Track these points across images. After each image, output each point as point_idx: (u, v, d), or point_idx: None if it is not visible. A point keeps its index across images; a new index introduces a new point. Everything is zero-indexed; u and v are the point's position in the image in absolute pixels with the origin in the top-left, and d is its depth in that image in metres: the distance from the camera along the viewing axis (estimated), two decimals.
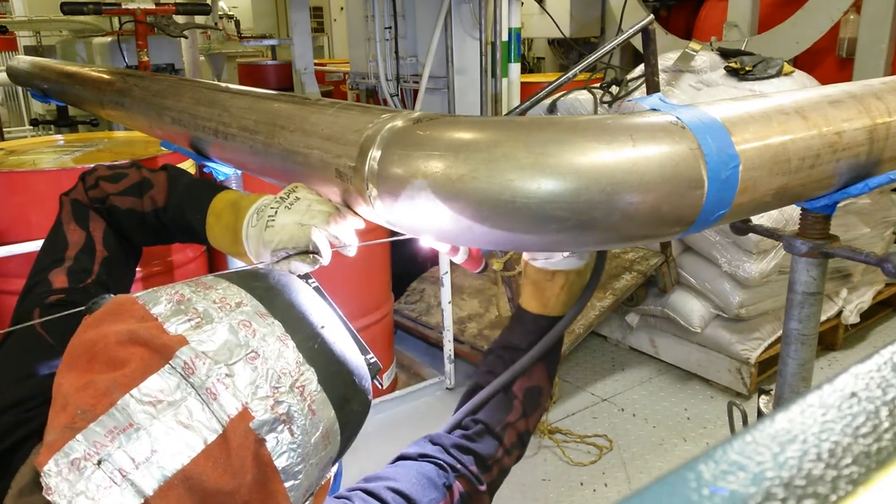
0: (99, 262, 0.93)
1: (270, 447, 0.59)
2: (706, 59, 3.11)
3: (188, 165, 2.12)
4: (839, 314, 3.20)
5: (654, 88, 2.77)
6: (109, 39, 4.53)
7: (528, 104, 2.29)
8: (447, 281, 2.88)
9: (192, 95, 1.28)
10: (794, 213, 1.71)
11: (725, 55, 3.15)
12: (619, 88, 3.13)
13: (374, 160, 0.77)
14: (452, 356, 2.99)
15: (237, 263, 0.93)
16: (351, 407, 0.68)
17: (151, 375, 0.58)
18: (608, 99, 3.13)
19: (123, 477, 0.55)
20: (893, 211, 3.24)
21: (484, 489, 0.90)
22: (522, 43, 4.59)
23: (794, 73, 3.00)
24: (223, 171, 1.40)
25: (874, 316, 3.45)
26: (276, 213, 0.85)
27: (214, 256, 2.65)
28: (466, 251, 0.97)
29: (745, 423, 1.27)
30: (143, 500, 0.55)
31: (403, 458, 0.90)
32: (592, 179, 0.68)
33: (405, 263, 3.52)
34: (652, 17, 2.58)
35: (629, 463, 2.57)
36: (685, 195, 0.72)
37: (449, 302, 2.91)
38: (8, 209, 2.11)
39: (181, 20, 4.54)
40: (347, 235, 0.87)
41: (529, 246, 0.81)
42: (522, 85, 3.45)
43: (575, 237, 0.72)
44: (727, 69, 3.04)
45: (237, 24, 6.97)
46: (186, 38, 4.52)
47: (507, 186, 0.68)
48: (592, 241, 0.75)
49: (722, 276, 2.90)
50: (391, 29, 3.52)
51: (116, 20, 4.59)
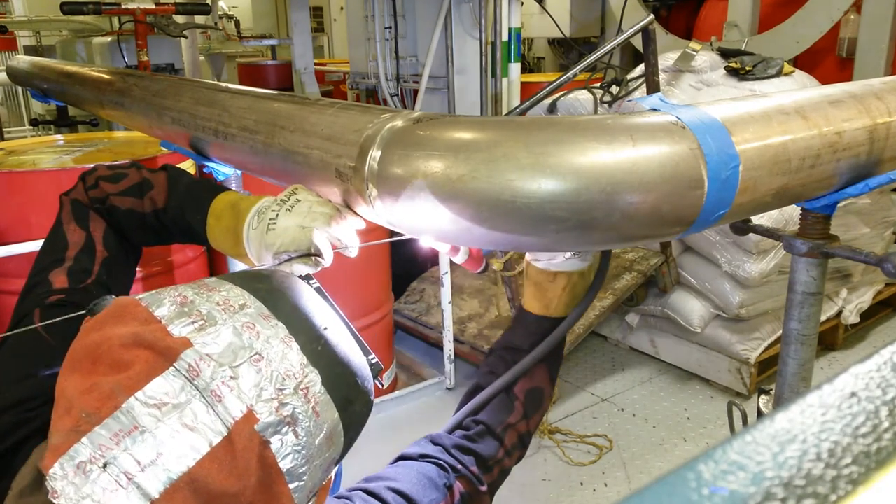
0: (99, 262, 0.93)
1: (275, 449, 0.59)
2: (706, 59, 3.11)
3: (188, 165, 2.12)
4: (839, 314, 3.20)
5: (654, 88, 2.77)
6: (109, 39, 4.53)
7: (528, 104, 2.29)
8: (447, 281, 2.88)
9: (192, 95, 1.28)
10: (794, 213, 1.71)
11: (725, 55, 3.15)
12: (619, 88, 3.13)
13: (374, 160, 0.77)
14: (452, 356, 2.99)
15: (237, 264, 0.93)
16: (354, 408, 0.68)
17: (156, 378, 0.58)
18: (608, 99, 3.13)
19: (129, 480, 0.55)
20: (893, 211, 3.24)
21: (485, 490, 0.90)
22: (522, 43, 4.59)
23: (794, 73, 3.00)
24: (223, 171, 1.40)
25: (874, 316, 3.45)
26: (277, 215, 0.84)
27: (214, 257, 2.65)
28: (467, 251, 0.97)
29: (744, 423, 1.27)
30: (148, 502, 0.55)
31: (404, 458, 0.90)
32: (592, 179, 0.68)
33: (405, 263, 3.52)
34: (652, 17, 2.58)
35: (629, 463, 2.57)
36: (685, 195, 0.72)
37: (449, 302, 2.91)
38: (8, 209, 2.11)
39: (181, 20, 4.54)
40: (348, 236, 0.87)
41: (530, 246, 0.81)
42: (522, 85, 3.45)
43: (575, 237, 0.72)
44: (727, 69, 3.04)
45: (237, 24, 6.97)
46: (186, 38, 4.52)
47: (507, 186, 0.68)
48: (592, 241, 0.75)
49: (722, 276, 2.90)
50: (391, 29, 3.52)
51: (116, 20, 4.59)
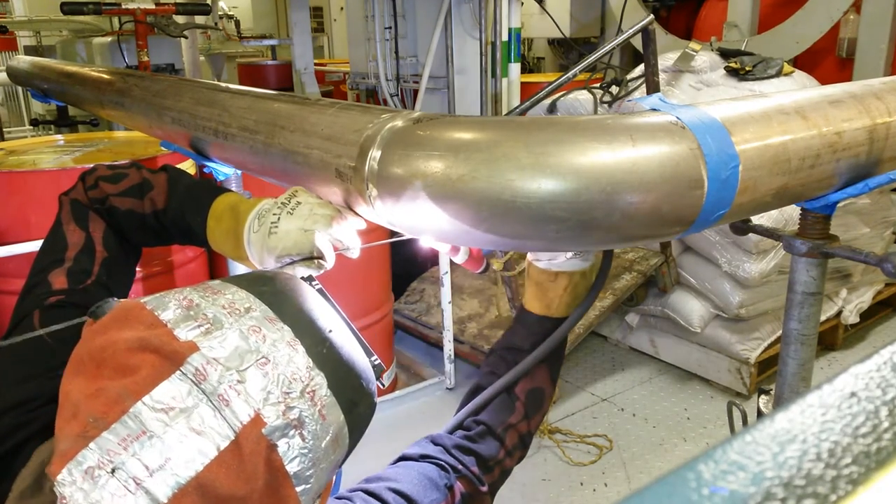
0: (99, 262, 0.93)
1: (282, 452, 0.59)
2: (706, 59, 3.11)
3: (188, 165, 2.12)
4: (839, 314, 3.20)
5: (654, 88, 2.76)
6: (109, 39, 4.54)
7: (528, 104, 2.29)
8: (447, 281, 2.88)
9: (192, 95, 1.28)
10: (794, 213, 1.71)
11: (725, 55, 3.15)
12: (619, 88, 3.13)
13: (374, 160, 0.77)
14: (452, 356, 2.99)
15: (238, 265, 0.93)
16: (359, 410, 0.68)
17: (163, 382, 0.58)
18: (608, 99, 3.13)
19: (138, 485, 0.55)
20: (893, 211, 3.24)
21: (485, 490, 0.90)
22: (522, 43, 4.59)
23: (794, 73, 3.00)
24: (223, 171, 1.40)
25: (874, 316, 3.45)
26: (278, 219, 0.84)
27: (214, 257, 2.65)
28: (467, 251, 0.97)
29: (744, 423, 1.27)
30: None
31: (405, 458, 0.90)
32: (592, 179, 0.68)
33: (405, 263, 3.52)
34: (652, 17, 2.58)
35: (629, 463, 2.57)
36: (685, 195, 0.72)
37: (449, 302, 2.91)
38: (8, 209, 2.11)
39: (181, 20, 4.54)
40: (350, 238, 0.87)
41: (530, 246, 0.81)
42: (522, 85, 3.45)
43: (575, 237, 0.72)
44: (727, 69, 3.04)
45: (237, 24, 6.98)
46: (186, 38, 4.52)
47: (507, 186, 0.68)
48: (593, 241, 0.75)
49: (722, 276, 2.90)
50: (391, 29, 3.52)
51: (116, 20, 4.59)
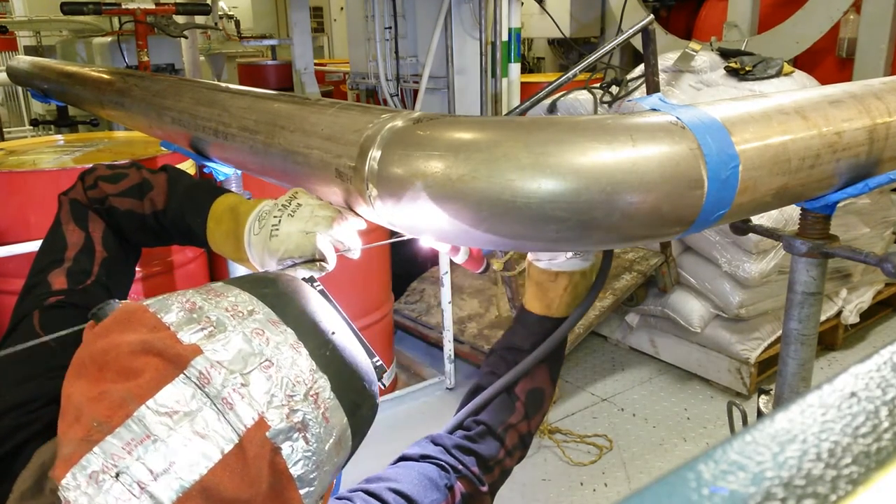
0: (98, 262, 0.93)
1: (286, 455, 0.59)
2: (706, 59, 3.11)
3: (188, 166, 2.12)
4: (839, 314, 3.20)
5: (654, 88, 2.76)
6: (109, 39, 4.54)
7: (528, 104, 2.29)
8: (447, 281, 2.88)
9: (192, 95, 1.28)
10: (794, 213, 1.71)
11: (725, 55, 3.15)
12: (619, 88, 3.13)
13: (374, 160, 0.77)
14: (452, 356, 2.99)
15: (238, 266, 0.93)
16: (361, 412, 0.68)
17: (166, 386, 0.58)
18: (608, 99, 3.13)
19: (142, 489, 0.55)
20: (893, 211, 3.24)
21: (485, 490, 0.90)
22: (522, 43, 4.59)
23: (794, 73, 3.00)
24: (223, 171, 1.40)
25: (874, 316, 3.45)
26: (279, 221, 0.84)
27: (214, 257, 2.65)
28: (467, 251, 0.97)
29: (744, 423, 1.27)
30: None
31: (405, 458, 0.90)
32: (592, 179, 0.68)
33: (405, 263, 3.52)
34: (652, 17, 2.58)
35: (629, 463, 2.57)
36: (685, 195, 0.72)
37: (449, 302, 2.91)
38: (8, 209, 2.11)
39: (181, 20, 4.54)
40: (351, 238, 0.87)
41: (530, 246, 0.81)
42: (522, 85, 3.45)
43: (575, 237, 0.72)
44: (727, 69, 3.04)
45: (237, 24, 6.97)
46: (186, 38, 4.52)
47: (507, 186, 0.68)
48: (593, 241, 0.75)
49: (722, 276, 2.90)
50: (391, 29, 3.52)
51: (116, 20, 4.59)
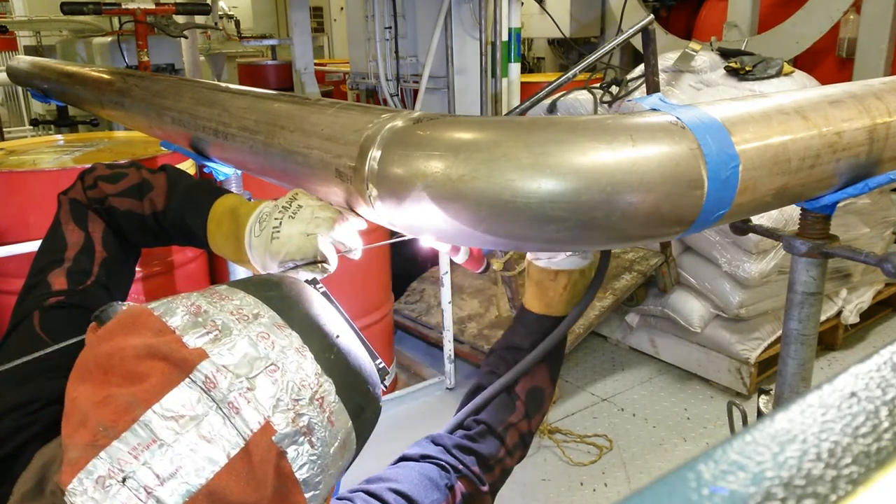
0: (98, 263, 0.92)
1: (291, 459, 0.59)
2: (706, 59, 3.11)
3: (188, 166, 2.12)
4: (839, 314, 3.20)
5: (654, 88, 2.76)
6: (109, 39, 4.54)
7: (528, 104, 2.29)
8: (447, 281, 2.88)
9: (192, 95, 1.28)
10: (794, 213, 1.71)
11: (725, 55, 3.15)
12: (619, 88, 3.13)
13: (374, 160, 0.77)
14: (452, 356, 2.99)
15: (239, 267, 0.93)
16: (366, 415, 0.68)
17: (172, 390, 0.58)
18: (608, 99, 3.13)
19: (149, 494, 0.55)
20: (893, 211, 3.24)
21: (486, 489, 0.90)
22: (522, 43, 4.59)
23: (794, 73, 3.00)
24: (223, 171, 1.40)
25: (874, 316, 3.45)
26: (280, 223, 0.83)
27: (214, 258, 2.65)
28: (467, 251, 0.97)
29: (744, 423, 1.27)
30: None
31: (405, 458, 0.90)
32: (592, 179, 0.68)
33: (405, 263, 3.52)
34: (652, 17, 2.58)
35: (629, 463, 2.57)
36: (685, 195, 0.72)
37: (449, 302, 2.91)
38: (8, 209, 2.11)
39: (181, 20, 4.54)
40: (352, 239, 0.87)
41: (530, 246, 0.81)
42: (522, 85, 3.45)
43: (575, 237, 0.72)
44: (727, 69, 3.04)
45: (237, 24, 6.98)
46: (186, 38, 4.52)
47: (507, 186, 0.68)
48: (593, 241, 0.75)
49: (722, 276, 2.90)
50: (391, 29, 3.52)
51: (116, 20, 4.59)
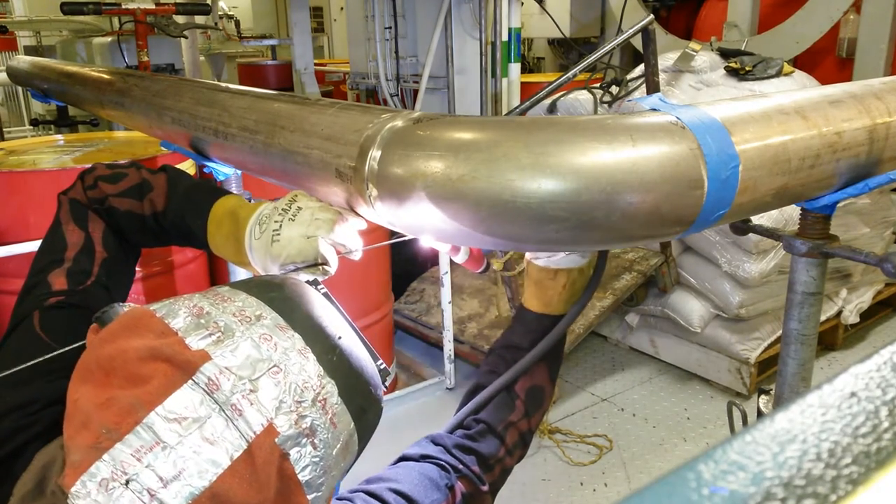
0: (98, 263, 0.92)
1: (294, 461, 0.60)
2: (706, 59, 3.11)
3: (188, 166, 2.12)
4: (839, 314, 3.20)
5: (654, 88, 2.76)
6: (109, 39, 4.54)
7: (528, 104, 2.29)
8: (447, 281, 2.88)
9: (192, 95, 1.28)
10: (794, 213, 1.71)
11: (725, 55, 3.15)
12: (619, 88, 3.13)
13: (374, 160, 0.77)
14: (452, 356, 2.99)
15: (239, 268, 0.93)
16: (368, 416, 0.68)
17: (175, 392, 0.58)
18: (608, 99, 3.13)
19: (152, 496, 0.55)
20: (893, 211, 3.24)
21: (486, 489, 0.90)
22: (522, 43, 4.59)
23: (794, 73, 3.00)
24: (223, 171, 1.40)
25: (874, 316, 3.45)
26: (280, 226, 0.83)
27: (214, 258, 2.64)
28: (467, 251, 0.97)
29: (744, 423, 1.27)
30: None
31: (405, 458, 0.90)
32: (592, 179, 0.68)
33: (405, 263, 3.52)
34: (652, 17, 2.58)
35: (629, 463, 2.57)
36: (685, 195, 0.72)
37: (449, 302, 2.91)
38: (8, 209, 2.11)
39: (181, 20, 4.54)
40: (352, 240, 0.87)
41: (530, 246, 0.81)
42: (522, 85, 3.45)
43: (575, 237, 0.72)
44: (727, 69, 3.04)
45: (237, 24, 6.97)
46: (186, 38, 4.52)
47: (507, 186, 0.68)
48: (593, 241, 0.75)
49: (722, 276, 2.90)
50: (391, 29, 3.52)
51: (116, 20, 4.59)
